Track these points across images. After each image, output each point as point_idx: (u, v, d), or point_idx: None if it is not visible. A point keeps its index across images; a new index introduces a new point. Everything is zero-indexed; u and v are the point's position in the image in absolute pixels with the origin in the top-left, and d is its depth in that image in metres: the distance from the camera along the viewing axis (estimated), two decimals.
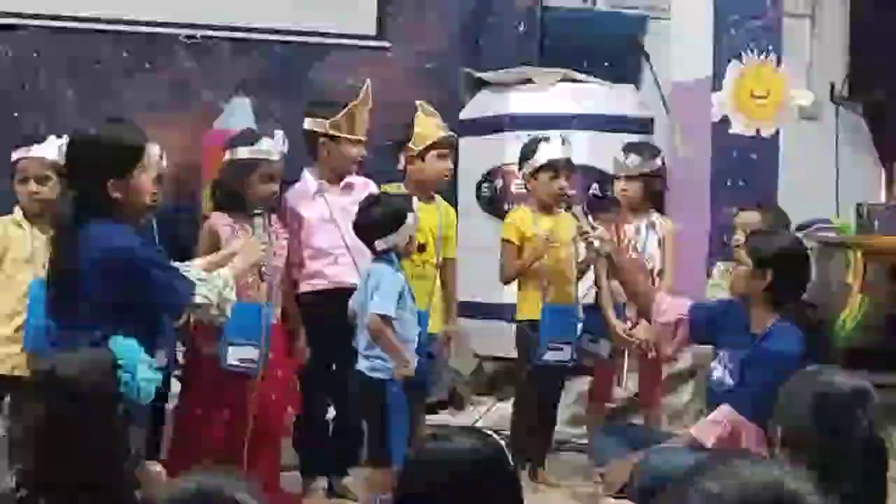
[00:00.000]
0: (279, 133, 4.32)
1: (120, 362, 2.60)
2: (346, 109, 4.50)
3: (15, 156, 4.15)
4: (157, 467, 2.74)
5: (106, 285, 3.34)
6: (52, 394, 2.50)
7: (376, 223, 4.14)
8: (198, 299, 3.53)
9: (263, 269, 4.06)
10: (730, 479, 1.46)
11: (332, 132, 4.50)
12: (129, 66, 6.29)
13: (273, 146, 4.23)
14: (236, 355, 4.07)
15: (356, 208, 4.36)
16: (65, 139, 4.15)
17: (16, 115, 6.06)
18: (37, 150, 4.10)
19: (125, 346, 2.69)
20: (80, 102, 6.19)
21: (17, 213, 4.13)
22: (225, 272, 3.71)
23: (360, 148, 4.54)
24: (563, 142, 4.78)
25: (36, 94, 6.11)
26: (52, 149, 4.09)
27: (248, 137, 4.31)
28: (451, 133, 4.71)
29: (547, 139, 4.79)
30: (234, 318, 3.90)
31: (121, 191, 3.39)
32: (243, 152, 4.22)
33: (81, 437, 2.47)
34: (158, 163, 4.24)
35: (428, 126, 4.66)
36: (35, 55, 6.10)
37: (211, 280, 3.62)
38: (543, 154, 4.70)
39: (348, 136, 4.50)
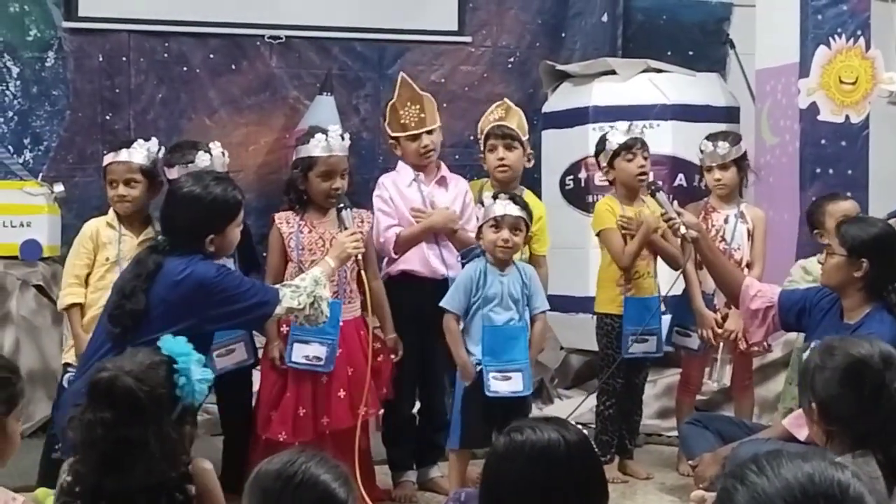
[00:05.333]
0: (336, 128, 4.30)
1: (176, 366, 2.63)
2: (387, 112, 4.54)
3: (105, 161, 4.25)
4: (206, 463, 2.77)
5: (179, 311, 3.37)
6: (112, 400, 2.55)
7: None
8: (285, 303, 3.59)
9: (359, 260, 4.06)
10: (775, 473, 1.46)
11: (391, 134, 4.55)
12: (216, 66, 6.40)
13: (330, 142, 4.19)
14: (301, 352, 4.07)
15: (453, 204, 4.49)
16: (153, 142, 4.24)
17: (108, 116, 6.21)
18: (124, 155, 4.18)
19: (177, 347, 2.69)
20: (169, 103, 6.31)
21: (111, 214, 4.24)
22: (315, 271, 3.76)
23: (420, 140, 4.48)
24: (630, 126, 4.78)
25: (126, 95, 6.25)
26: (140, 153, 4.18)
27: (305, 136, 4.31)
28: (499, 123, 4.66)
29: (614, 128, 4.83)
30: None
31: (215, 244, 3.52)
32: (301, 151, 4.24)
33: (139, 443, 2.51)
34: (223, 161, 4.27)
35: (485, 120, 4.70)
36: (124, 59, 6.24)
37: (298, 283, 3.68)
38: (615, 139, 4.70)
39: (400, 135, 4.50)
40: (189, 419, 2.67)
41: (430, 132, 4.50)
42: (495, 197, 4.21)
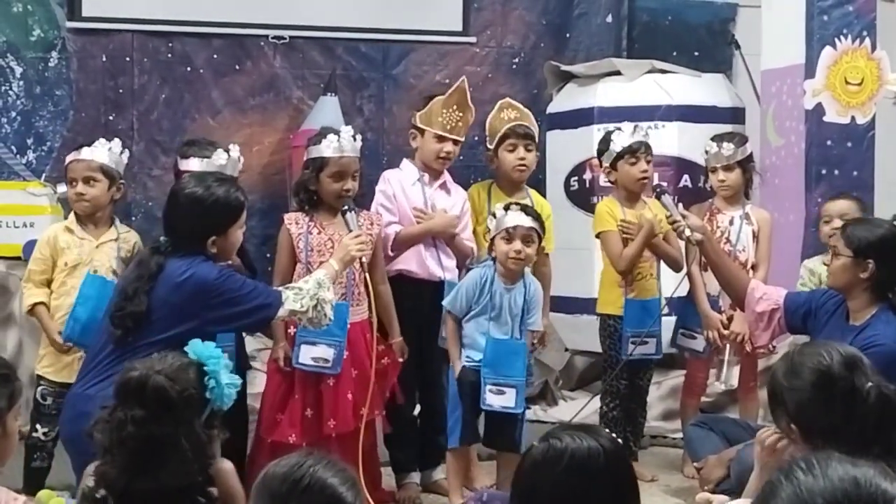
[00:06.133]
0: (348, 129, 4.25)
1: (206, 368, 2.62)
2: (429, 104, 4.51)
3: (67, 160, 4.21)
4: (227, 464, 2.78)
5: (181, 313, 3.34)
6: (143, 398, 2.54)
7: None
8: (287, 306, 3.56)
9: (364, 262, 4.04)
10: (822, 473, 1.47)
11: (417, 124, 4.53)
12: (219, 67, 6.39)
13: (341, 143, 4.16)
14: (309, 354, 4.04)
15: (453, 209, 4.47)
16: (115, 142, 4.20)
17: (112, 116, 6.20)
18: (86, 153, 4.14)
19: (206, 350, 2.69)
20: (172, 103, 6.30)
21: (71, 217, 4.19)
22: (319, 274, 3.73)
23: (444, 145, 4.48)
24: (636, 128, 4.74)
25: (130, 95, 6.24)
26: (101, 151, 4.14)
27: (317, 136, 4.27)
28: (519, 122, 4.62)
29: (619, 129, 4.77)
30: None
31: (217, 246, 3.49)
32: (313, 151, 4.21)
33: (171, 442, 2.50)
34: (236, 164, 4.21)
35: (497, 120, 4.66)
36: (128, 59, 6.23)
37: (300, 285, 3.65)
38: (619, 142, 4.67)
39: (429, 130, 4.49)
40: (216, 423, 2.67)
41: (455, 142, 4.50)
42: (507, 208, 4.18)
